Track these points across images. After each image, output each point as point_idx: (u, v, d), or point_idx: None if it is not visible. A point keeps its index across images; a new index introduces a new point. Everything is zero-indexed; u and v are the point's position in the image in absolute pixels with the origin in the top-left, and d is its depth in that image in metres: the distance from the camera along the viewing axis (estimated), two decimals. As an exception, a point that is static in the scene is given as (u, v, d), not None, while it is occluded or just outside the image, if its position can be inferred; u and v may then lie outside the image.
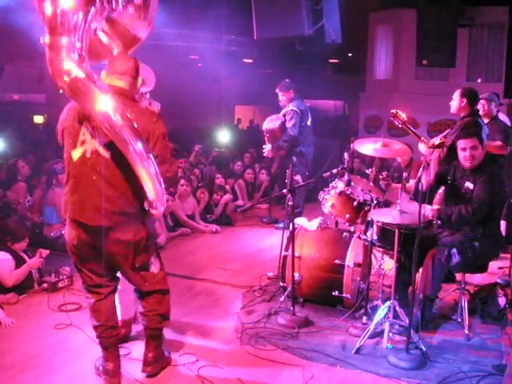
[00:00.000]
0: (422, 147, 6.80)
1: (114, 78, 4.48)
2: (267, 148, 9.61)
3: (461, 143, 5.83)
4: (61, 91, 4.12)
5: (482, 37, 16.15)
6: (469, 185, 5.75)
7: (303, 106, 9.72)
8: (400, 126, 6.40)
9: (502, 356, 5.28)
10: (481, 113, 8.09)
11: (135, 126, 4.18)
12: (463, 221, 5.63)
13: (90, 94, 4.07)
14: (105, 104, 4.08)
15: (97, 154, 4.31)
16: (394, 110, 6.41)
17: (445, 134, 6.97)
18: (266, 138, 9.59)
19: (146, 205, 4.35)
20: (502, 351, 5.42)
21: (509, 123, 8.60)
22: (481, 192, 5.63)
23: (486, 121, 8.03)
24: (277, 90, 9.66)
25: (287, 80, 9.72)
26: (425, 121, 15.61)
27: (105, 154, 4.30)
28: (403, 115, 6.45)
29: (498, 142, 7.50)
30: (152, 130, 4.44)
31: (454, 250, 5.55)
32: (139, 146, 4.16)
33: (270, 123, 9.53)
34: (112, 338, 4.69)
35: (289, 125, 9.40)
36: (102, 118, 4.11)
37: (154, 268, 4.69)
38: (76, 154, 4.35)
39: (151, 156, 4.25)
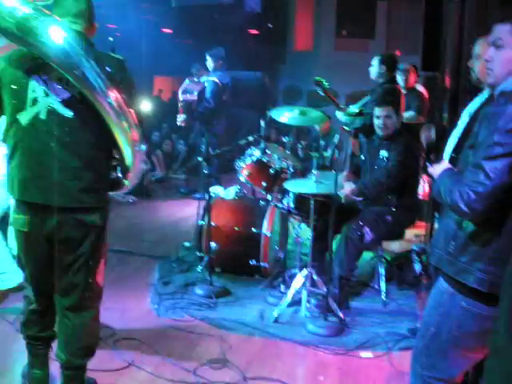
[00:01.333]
0: (340, 115, 6.81)
1: (66, 21, 3.38)
2: (181, 118, 9.26)
3: (376, 111, 5.85)
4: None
5: (400, 9, 16.32)
6: (384, 153, 5.77)
7: (227, 79, 9.47)
8: (322, 94, 6.41)
9: (417, 320, 5.35)
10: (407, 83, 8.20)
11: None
12: (378, 192, 5.67)
13: (45, 32, 3.17)
14: (67, 42, 3.21)
15: (55, 115, 3.33)
16: (317, 78, 6.41)
17: (364, 102, 6.99)
18: (180, 108, 9.34)
19: (117, 175, 3.65)
20: (417, 315, 5.48)
21: (425, 94, 8.72)
22: (393, 162, 5.67)
23: (403, 92, 8.12)
24: (207, 55, 9.41)
25: (222, 49, 9.49)
26: (344, 92, 15.72)
27: (66, 113, 3.33)
28: (326, 84, 6.45)
29: (411, 113, 7.62)
30: (120, 80, 3.49)
31: (367, 229, 5.54)
32: (116, 96, 3.34)
33: (187, 93, 9.32)
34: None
35: (208, 96, 9.20)
36: (66, 63, 3.22)
37: (99, 277, 3.73)
38: (25, 117, 3.35)
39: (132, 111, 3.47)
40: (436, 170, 2.92)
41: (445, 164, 2.92)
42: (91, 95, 3.31)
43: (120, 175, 3.70)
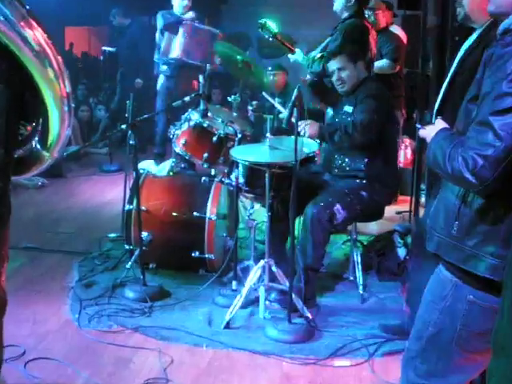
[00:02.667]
0: (293, 58, 6.82)
1: None
2: None
3: (328, 66, 5.84)
4: None
5: None
6: (347, 108, 5.78)
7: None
8: (270, 39, 6.38)
9: (403, 316, 5.36)
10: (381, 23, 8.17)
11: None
12: (342, 140, 5.61)
13: None
14: None
15: None
16: (262, 20, 6.38)
17: (325, 44, 6.96)
18: None
19: (35, 146, 3.53)
20: (403, 311, 5.49)
21: (404, 38, 8.73)
22: (358, 114, 5.64)
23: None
24: None
25: None
26: (301, 38, 15.72)
27: None
28: (273, 26, 6.41)
29: (385, 61, 7.63)
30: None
31: (338, 206, 5.51)
32: (37, 33, 3.18)
33: None
34: None
35: None
36: None
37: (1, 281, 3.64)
38: None
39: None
40: (429, 131, 2.87)
41: (439, 123, 2.86)
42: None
43: (38, 146, 3.55)
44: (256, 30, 7.11)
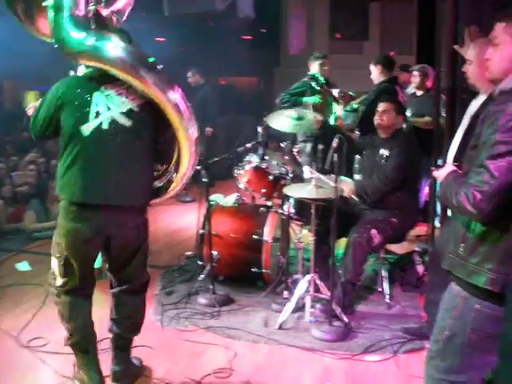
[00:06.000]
0: (338, 109, 6.82)
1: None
2: None
3: (378, 106, 5.86)
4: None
5: (394, 10, 16.33)
6: (384, 152, 5.77)
7: None
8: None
9: (422, 321, 5.36)
10: (413, 85, 8.08)
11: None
12: (378, 192, 5.67)
13: (108, 47, 3.79)
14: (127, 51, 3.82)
15: (115, 124, 3.85)
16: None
17: (360, 99, 6.97)
18: None
19: (170, 177, 4.20)
20: (421, 316, 5.48)
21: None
22: (392, 162, 5.67)
23: (419, 93, 8.06)
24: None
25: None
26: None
27: (125, 122, 3.88)
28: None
29: (427, 118, 7.52)
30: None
31: (374, 231, 5.51)
32: (178, 94, 3.91)
33: None
34: None
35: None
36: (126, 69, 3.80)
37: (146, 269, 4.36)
38: (87, 128, 3.81)
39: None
40: (441, 173, 2.92)
41: (449, 167, 2.92)
42: (154, 95, 3.83)
43: (174, 175, 4.19)
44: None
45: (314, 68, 7.60)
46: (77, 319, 4.10)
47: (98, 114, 3.84)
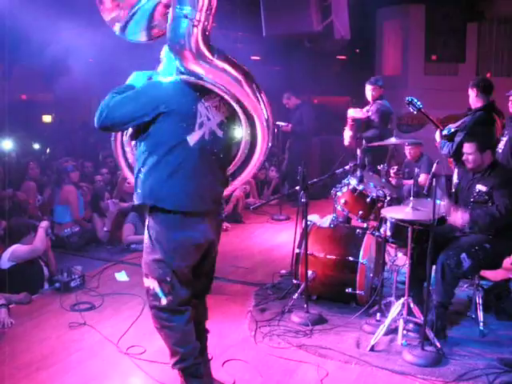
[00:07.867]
0: (437, 135, 6.79)
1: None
2: (348, 134, 8.86)
3: (463, 146, 5.83)
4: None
5: (491, 31, 16.08)
6: (481, 187, 5.71)
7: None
8: (415, 112, 6.40)
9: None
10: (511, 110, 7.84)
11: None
12: (493, 225, 5.57)
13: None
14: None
15: (214, 135, 4.07)
16: (409, 98, 6.41)
17: (459, 123, 6.85)
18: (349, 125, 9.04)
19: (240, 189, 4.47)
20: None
21: None
22: (502, 197, 5.58)
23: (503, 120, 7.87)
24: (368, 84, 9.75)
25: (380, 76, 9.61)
26: (435, 117, 15.53)
27: (220, 133, 4.12)
28: (419, 103, 6.43)
29: None
30: None
31: (464, 255, 5.45)
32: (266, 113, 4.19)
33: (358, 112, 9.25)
34: None
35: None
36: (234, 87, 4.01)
37: None
38: (193, 138, 3.97)
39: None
40: None
41: None
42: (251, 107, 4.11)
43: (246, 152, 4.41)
44: (395, 109, 7.22)
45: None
46: (189, 343, 4.18)
47: (201, 124, 4.00)
